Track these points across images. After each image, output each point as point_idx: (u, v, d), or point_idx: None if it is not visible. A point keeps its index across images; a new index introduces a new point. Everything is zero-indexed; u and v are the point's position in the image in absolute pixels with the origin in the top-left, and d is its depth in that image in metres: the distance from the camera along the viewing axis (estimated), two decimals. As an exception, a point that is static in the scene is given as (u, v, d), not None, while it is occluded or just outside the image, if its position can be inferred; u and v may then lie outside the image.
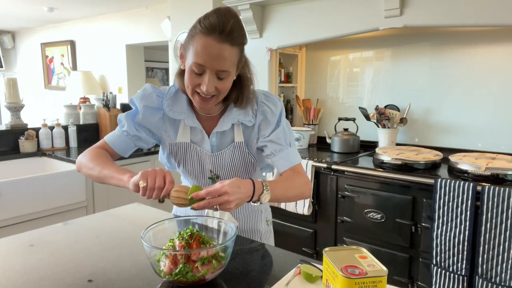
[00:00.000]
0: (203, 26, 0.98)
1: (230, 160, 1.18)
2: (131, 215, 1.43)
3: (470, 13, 2.05)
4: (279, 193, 1.07)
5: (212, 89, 1.02)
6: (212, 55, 0.98)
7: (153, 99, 1.17)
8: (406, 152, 2.25)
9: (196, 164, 1.19)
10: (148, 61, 5.44)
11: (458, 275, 1.82)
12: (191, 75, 1.02)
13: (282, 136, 1.18)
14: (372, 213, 2.10)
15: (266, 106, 1.18)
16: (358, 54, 2.87)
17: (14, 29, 6.04)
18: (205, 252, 0.85)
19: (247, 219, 1.28)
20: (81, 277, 0.92)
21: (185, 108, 1.16)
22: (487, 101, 2.35)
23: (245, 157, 1.18)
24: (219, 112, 1.18)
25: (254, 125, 1.18)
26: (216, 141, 1.18)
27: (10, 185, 2.13)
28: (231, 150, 1.17)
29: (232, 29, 0.98)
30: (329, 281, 0.72)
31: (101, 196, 2.53)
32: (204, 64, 0.99)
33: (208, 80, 1.00)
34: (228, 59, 1.00)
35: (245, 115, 1.16)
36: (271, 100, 1.20)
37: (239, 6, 2.86)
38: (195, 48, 0.99)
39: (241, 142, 1.17)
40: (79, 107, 3.20)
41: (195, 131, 1.18)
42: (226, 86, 1.05)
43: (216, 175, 1.19)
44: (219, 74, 1.01)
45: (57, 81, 5.70)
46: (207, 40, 0.97)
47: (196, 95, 1.05)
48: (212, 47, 0.97)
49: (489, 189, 1.70)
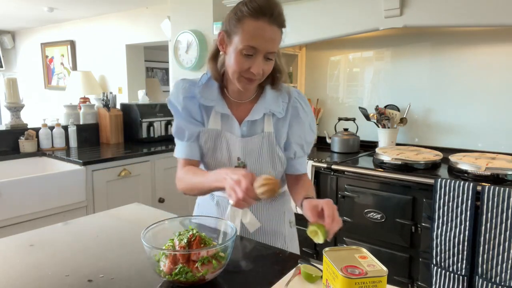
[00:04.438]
0: (252, 9, 1.00)
1: (258, 149, 1.17)
2: (131, 215, 1.43)
3: (470, 13, 2.05)
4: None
5: (261, 71, 1.04)
6: (264, 37, 1.01)
7: (188, 89, 1.18)
8: (406, 152, 2.25)
9: (225, 151, 1.17)
10: (148, 61, 5.44)
11: (458, 275, 1.82)
12: (241, 58, 1.04)
13: (310, 142, 1.23)
14: (372, 213, 2.10)
15: (299, 103, 1.20)
16: (358, 54, 2.86)
17: (14, 29, 6.03)
18: (205, 252, 0.85)
19: (269, 220, 1.25)
20: (81, 277, 0.92)
21: (215, 95, 1.17)
22: (487, 101, 2.34)
23: (273, 149, 1.18)
24: (251, 100, 1.19)
25: (285, 118, 1.19)
26: (247, 130, 1.17)
27: (10, 185, 2.13)
28: (260, 139, 1.17)
29: (280, 12, 1.03)
30: (329, 281, 0.72)
31: (101, 196, 2.53)
32: (257, 46, 1.01)
33: (259, 62, 1.03)
34: (276, 41, 1.04)
35: (276, 105, 1.17)
36: (303, 98, 1.23)
37: (239, 6, 2.86)
38: (246, 31, 1.01)
39: (270, 132, 1.17)
40: (79, 107, 3.20)
41: (226, 118, 1.17)
42: (270, 67, 1.08)
43: (243, 163, 1.17)
44: (268, 55, 1.04)
45: (57, 81, 5.70)
46: (258, 23, 1.00)
47: (242, 78, 1.07)
48: (265, 29, 1.00)
49: (489, 189, 1.70)
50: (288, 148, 1.20)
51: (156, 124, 3.24)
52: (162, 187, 2.92)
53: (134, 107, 3.19)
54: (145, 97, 3.47)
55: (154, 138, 3.22)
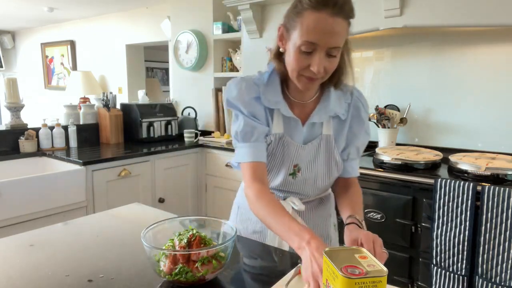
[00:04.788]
0: (313, 1, 0.90)
1: (315, 154, 1.09)
2: (131, 215, 1.43)
3: (470, 13, 2.05)
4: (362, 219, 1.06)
5: (322, 69, 0.94)
6: (325, 30, 0.90)
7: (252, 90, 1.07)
8: (406, 152, 2.25)
9: (285, 157, 1.08)
10: (148, 61, 5.45)
11: (458, 275, 1.82)
12: (299, 56, 0.94)
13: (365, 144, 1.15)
14: (372, 213, 2.10)
15: (360, 102, 1.12)
16: (358, 54, 2.86)
17: (14, 29, 6.04)
18: (205, 252, 0.85)
19: (317, 225, 1.19)
20: (81, 277, 0.92)
21: (279, 97, 1.07)
22: (487, 101, 2.34)
23: (330, 153, 1.10)
24: (312, 100, 1.10)
25: (346, 120, 1.11)
26: (307, 133, 1.09)
27: (10, 185, 2.13)
28: (318, 142, 1.09)
29: (345, 2, 0.91)
30: (329, 281, 0.72)
31: (101, 196, 2.53)
32: (317, 41, 0.91)
33: (319, 59, 0.92)
34: (340, 34, 0.92)
35: (340, 107, 1.09)
36: (363, 97, 1.14)
37: (239, 6, 2.86)
38: (305, 25, 0.91)
39: (329, 135, 1.09)
40: (79, 107, 3.20)
41: (289, 120, 1.08)
42: (334, 65, 0.97)
43: (299, 168, 1.09)
44: (330, 51, 0.93)
45: (57, 81, 5.70)
46: (319, 15, 0.89)
47: (302, 77, 0.98)
48: (326, 22, 0.89)
49: (489, 189, 1.70)
50: (345, 149, 1.13)
51: (156, 124, 3.24)
52: (162, 187, 2.92)
53: (134, 107, 3.19)
54: (145, 97, 3.47)
55: (154, 138, 3.22)
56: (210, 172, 3.09)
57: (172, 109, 3.43)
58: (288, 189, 1.12)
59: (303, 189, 1.12)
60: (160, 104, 3.38)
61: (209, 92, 3.51)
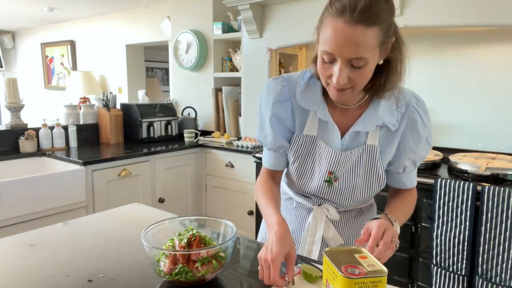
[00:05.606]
0: (334, 8, 0.82)
1: (355, 163, 1.02)
2: (131, 215, 1.43)
3: (470, 13, 2.05)
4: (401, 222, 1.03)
5: (344, 81, 0.85)
6: (341, 41, 0.81)
7: (280, 92, 1.03)
8: (406, 152, 2.25)
9: (316, 162, 1.03)
10: (148, 61, 5.45)
11: (458, 275, 1.82)
12: (322, 64, 0.88)
13: (422, 156, 1.05)
14: (372, 213, 2.10)
15: (417, 114, 1.00)
16: (358, 54, 2.86)
17: (14, 29, 6.03)
18: (205, 252, 0.85)
19: (352, 236, 1.13)
20: (81, 277, 0.92)
21: (318, 98, 1.00)
22: (487, 101, 2.34)
23: (373, 165, 1.01)
24: (359, 105, 1.00)
25: (397, 131, 1.00)
26: (348, 141, 1.01)
27: (10, 185, 2.13)
28: (360, 152, 1.01)
29: (369, 6, 0.79)
30: (329, 281, 0.72)
31: (101, 196, 2.53)
32: (333, 52, 0.83)
33: (339, 71, 0.84)
34: (364, 44, 0.81)
35: (391, 116, 0.98)
36: (423, 106, 1.03)
37: (239, 6, 2.86)
38: (324, 33, 0.84)
39: (374, 146, 1.00)
40: (79, 107, 3.20)
41: (325, 125, 1.02)
42: (363, 76, 0.87)
43: (336, 177, 1.03)
44: (354, 62, 0.84)
45: (57, 81, 5.70)
46: (336, 23, 0.81)
47: (330, 86, 0.91)
48: (342, 31, 0.80)
49: (489, 189, 1.70)
50: (397, 162, 1.05)
51: (156, 124, 3.24)
52: (162, 187, 2.92)
53: (134, 107, 3.19)
54: (145, 97, 3.47)
55: (154, 138, 3.23)
56: (210, 172, 3.09)
57: (172, 109, 3.43)
58: (324, 196, 1.07)
59: (340, 198, 1.07)
60: (160, 104, 3.38)
61: (209, 92, 3.51)
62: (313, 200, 1.11)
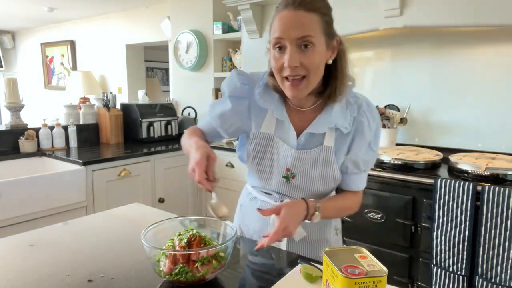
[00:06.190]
0: (279, 6, 0.97)
1: (312, 162, 1.08)
2: (131, 215, 1.43)
3: (470, 13, 2.05)
4: (330, 215, 1.10)
5: (296, 62, 0.94)
6: (287, 24, 0.94)
7: (238, 89, 1.12)
8: (406, 152, 2.25)
9: (274, 159, 1.10)
10: (148, 61, 5.45)
11: (458, 275, 1.82)
12: (275, 54, 0.97)
13: (368, 161, 1.12)
14: (372, 213, 2.10)
15: (365, 117, 1.08)
16: (358, 54, 2.86)
17: (14, 29, 6.04)
18: (205, 252, 0.85)
19: (316, 229, 1.18)
20: (81, 277, 0.92)
21: (276, 99, 1.08)
22: (487, 101, 2.34)
23: (328, 165, 1.08)
24: (312, 108, 1.08)
25: (349, 134, 1.08)
26: (304, 142, 1.09)
27: (10, 185, 2.13)
28: (317, 152, 1.08)
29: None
30: (329, 281, 0.72)
31: (101, 196, 2.53)
32: (281, 35, 0.94)
33: (290, 52, 0.93)
34: (307, 25, 0.93)
35: (344, 119, 1.05)
36: (372, 112, 1.10)
37: (239, 6, 2.86)
38: (273, 26, 0.97)
39: (330, 147, 1.07)
40: (79, 107, 3.20)
41: (282, 124, 1.09)
42: (313, 60, 0.95)
43: (293, 174, 1.10)
44: (301, 43, 0.93)
45: (57, 81, 5.70)
46: (282, 14, 0.95)
47: (285, 80, 0.98)
48: (288, 16, 0.94)
49: (489, 189, 1.70)
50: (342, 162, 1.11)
51: (156, 124, 3.24)
52: (162, 187, 2.92)
53: (134, 107, 3.19)
54: (145, 97, 3.47)
55: (154, 138, 3.23)
56: (210, 172, 3.09)
57: (172, 109, 3.43)
58: (284, 192, 1.14)
59: (299, 195, 1.13)
60: (160, 104, 3.38)
61: (209, 92, 3.51)
62: (275, 197, 1.16)
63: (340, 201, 1.14)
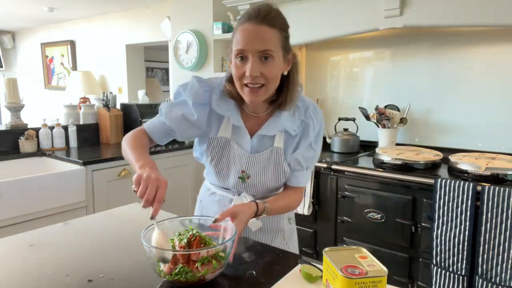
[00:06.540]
0: (242, 17, 1.04)
1: (265, 163, 1.18)
2: (131, 215, 1.43)
3: (470, 13, 2.05)
4: (275, 213, 1.19)
5: (257, 73, 1.01)
6: (250, 37, 1.01)
7: (201, 95, 1.16)
8: (406, 152, 2.25)
9: (230, 161, 1.19)
10: (148, 61, 5.44)
11: (458, 275, 1.82)
12: (236, 63, 1.04)
13: (308, 158, 1.21)
14: (372, 213, 2.10)
15: (311, 120, 1.18)
16: (358, 54, 2.86)
17: (14, 29, 6.04)
18: (205, 252, 0.85)
19: (269, 218, 1.26)
20: (81, 277, 0.92)
21: (232, 105, 1.15)
22: (487, 101, 2.34)
23: (279, 164, 1.18)
24: (265, 114, 1.17)
25: (296, 135, 1.18)
26: (257, 143, 1.18)
27: (10, 185, 2.13)
28: (268, 154, 1.17)
29: (269, 12, 1.02)
30: (329, 281, 0.72)
31: (101, 196, 2.53)
32: (244, 47, 1.01)
33: (252, 63, 1.01)
34: (268, 39, 1.01)
35: (292, 123, 1.15)
36: (318, 115, 1.20)
37: (239, 6, 2.86)
38: (236, 37, 1.03)
39: (279, 148, 1.17)
40: (79, 107, 3.20)
41: (238, 129, 1.17)
42: (272, 71, 1.04)
43: (247, 175, 1.19)
44: (262, 55, 1.01)
45: (57, 81, 5.70)
46: (244, 26, 1.02)
47: (245, 87, 1.05)
48: (251, 29, 1.01)
49: (489, 189, 1.70)
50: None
51: (156, 124, 3.24)
52: (162, 187, 2.91)
53: (134, 107, 3.19)
54: (145, 97, 3.47)
55: (154, 138, 3.22)
56: (210, 172, 3.09)
57: (172, 109, 3.42)
58: (240, 189, 1.22)
59: (254, 191, 1.21)
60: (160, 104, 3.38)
61: (209, 92, 3.51)
62: (232, 192, 1.24)
63: (285, 200, 1.22)
